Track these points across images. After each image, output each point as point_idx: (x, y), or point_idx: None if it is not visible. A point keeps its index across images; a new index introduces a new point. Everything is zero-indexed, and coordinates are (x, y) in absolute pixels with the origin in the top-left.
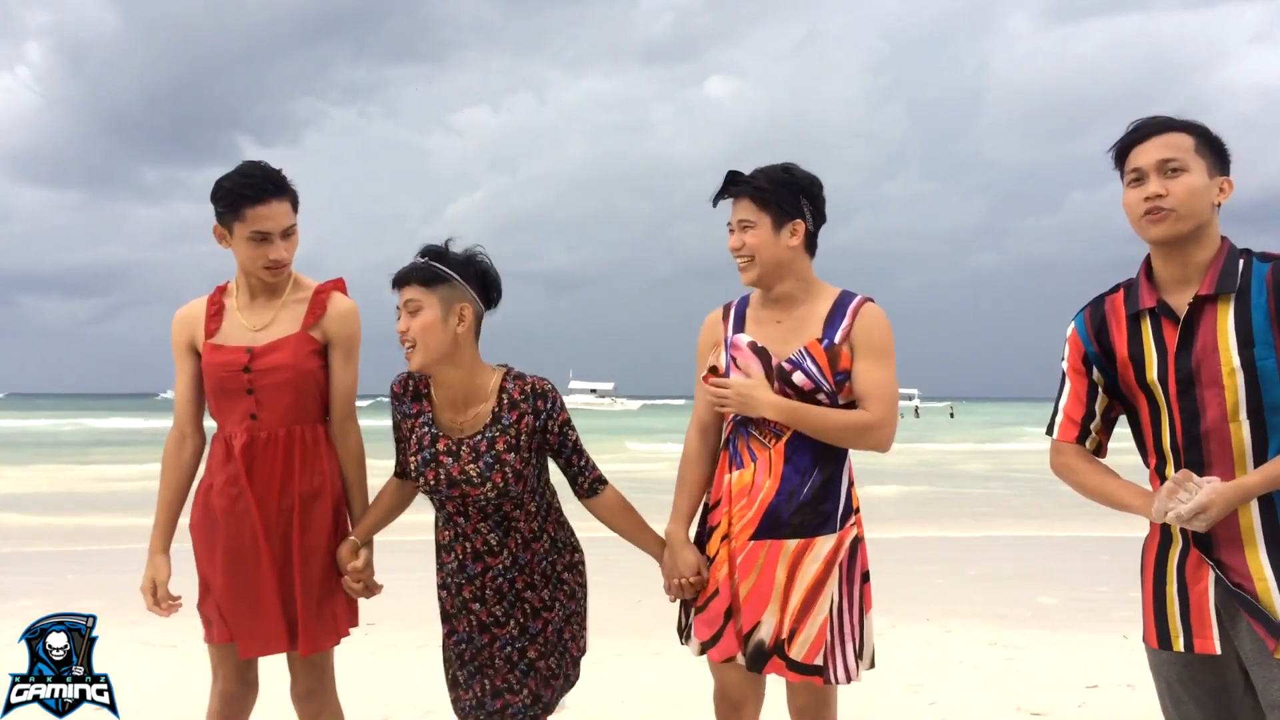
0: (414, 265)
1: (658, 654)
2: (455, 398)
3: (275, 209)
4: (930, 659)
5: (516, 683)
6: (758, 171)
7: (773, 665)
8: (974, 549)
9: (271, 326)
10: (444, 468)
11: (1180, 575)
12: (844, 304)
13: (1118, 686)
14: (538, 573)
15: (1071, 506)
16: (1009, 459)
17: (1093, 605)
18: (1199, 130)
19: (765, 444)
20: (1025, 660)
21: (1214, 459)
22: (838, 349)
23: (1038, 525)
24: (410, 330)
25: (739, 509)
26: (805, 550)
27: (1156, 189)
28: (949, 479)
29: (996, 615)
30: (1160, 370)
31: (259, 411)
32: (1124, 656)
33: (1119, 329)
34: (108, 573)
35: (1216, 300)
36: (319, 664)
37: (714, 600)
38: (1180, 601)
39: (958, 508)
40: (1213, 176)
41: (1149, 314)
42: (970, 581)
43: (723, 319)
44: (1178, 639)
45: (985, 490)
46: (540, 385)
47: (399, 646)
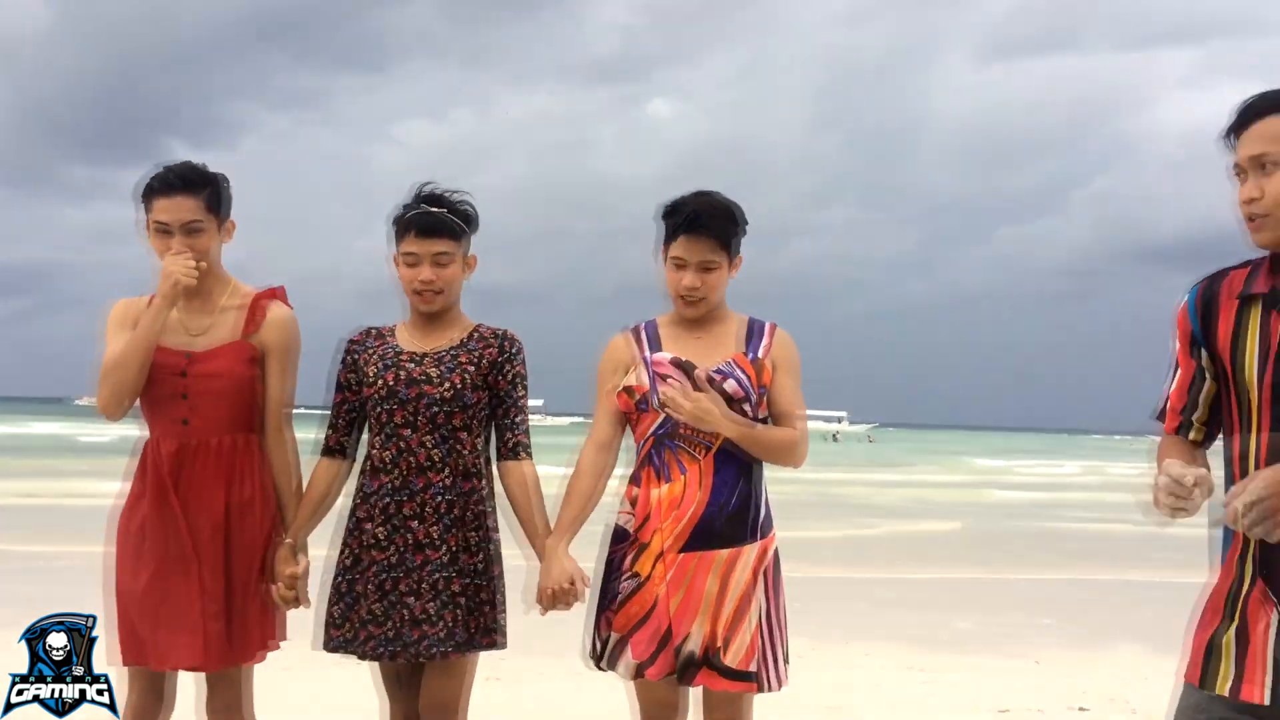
0: (443, 220)
1: (578, 673)
2: (432, 329)
3: (178, 203)
4: (849, 681)
5: (435, 614)
6: (717, 209)
7: (702, 676)
8: (893, 580)
9: (210, 332)
10: (405, 369)
11: (1243, 614)
12: (758, 327)
13: (1028, 711)
14: (472, 510)
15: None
16: (923, 491)
17: (1007, 630)
18: None
19: (695, 456)
20: (940, 683)
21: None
22: (761, 364)
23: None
24: (439, 280)
25: (668, 523)
26: (736, 559)
27: (1250, 191)
28: (862, 510)
29: (914, 639)
30: (1259, 368)
31: (192, 417)
32: (1035, 681)
33: (1227, 310)
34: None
35: None
36: (237, 679)
37: (649, 619)
38: (1238, 642)
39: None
40: None
41: (1262, 300)
42: (889, 606)
43: (634, 341)
44: (1225, 682)
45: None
46: (511, 333)
47: (316, 661)
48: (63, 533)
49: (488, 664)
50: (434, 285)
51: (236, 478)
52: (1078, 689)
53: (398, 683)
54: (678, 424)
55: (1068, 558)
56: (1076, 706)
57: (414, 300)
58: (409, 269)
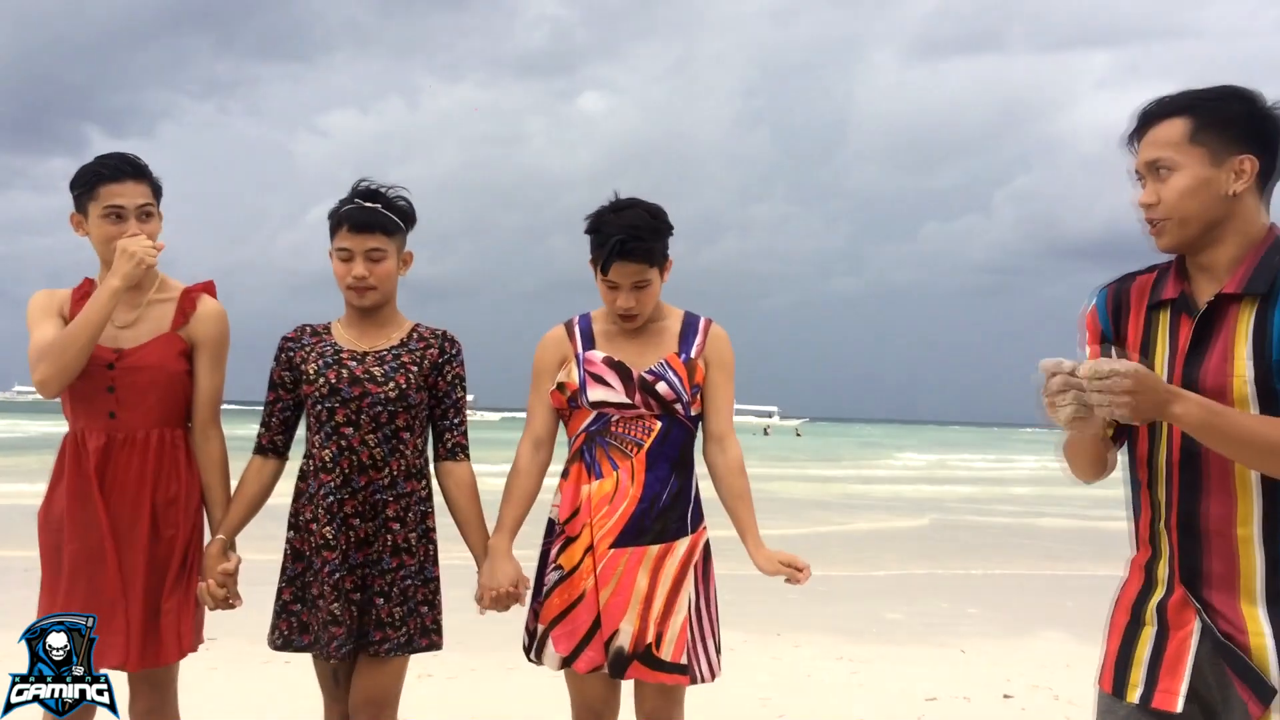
0: (376, 214)
1: (512, 668)
2: (370, 327)
3: (131, 188)
4: (779, 672)
5: (377, 612)
6: (642, 230)
7: (634, 669)
8: (824, 575)
9: (137, 326)
10: (347, 368)
11: (1160, 618)
12: (693, 324)
13: (955, 699)
14: (413, 511)
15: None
16: (847, 485)
17: (933, 620)
18: (1202, 107)
19: (626, 454)
20: (869, 674)
21: (1212, 482)
22: (694, 363)
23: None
24: (372, 276)
25: (600, 517)
26: (666, 554)
27: (1146, 197)
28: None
29: (843, 630)
30: (1168, 370)
31: (118, 411)
32: (961, 671)
33: (1137, 315)
34: None
35: (1242, 300)
36: (161, 681)
37: (575, 611)
38: (1154, 647)
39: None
40: (1220, 162)
41: (1170, 305)
42: (819, 598)
43: (569, 337)
44: (1135, 689)
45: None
46: (451, 334)
47: (242, 661)
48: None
49: (421, 661)
50: (367, 281)
51: (164, 474)
52: (1002, 677)
53: (334, 681)
54: (610, 421)
55: (995, 550)
56: (1001, 694)
57: (348, 296)
58: (342, 264)
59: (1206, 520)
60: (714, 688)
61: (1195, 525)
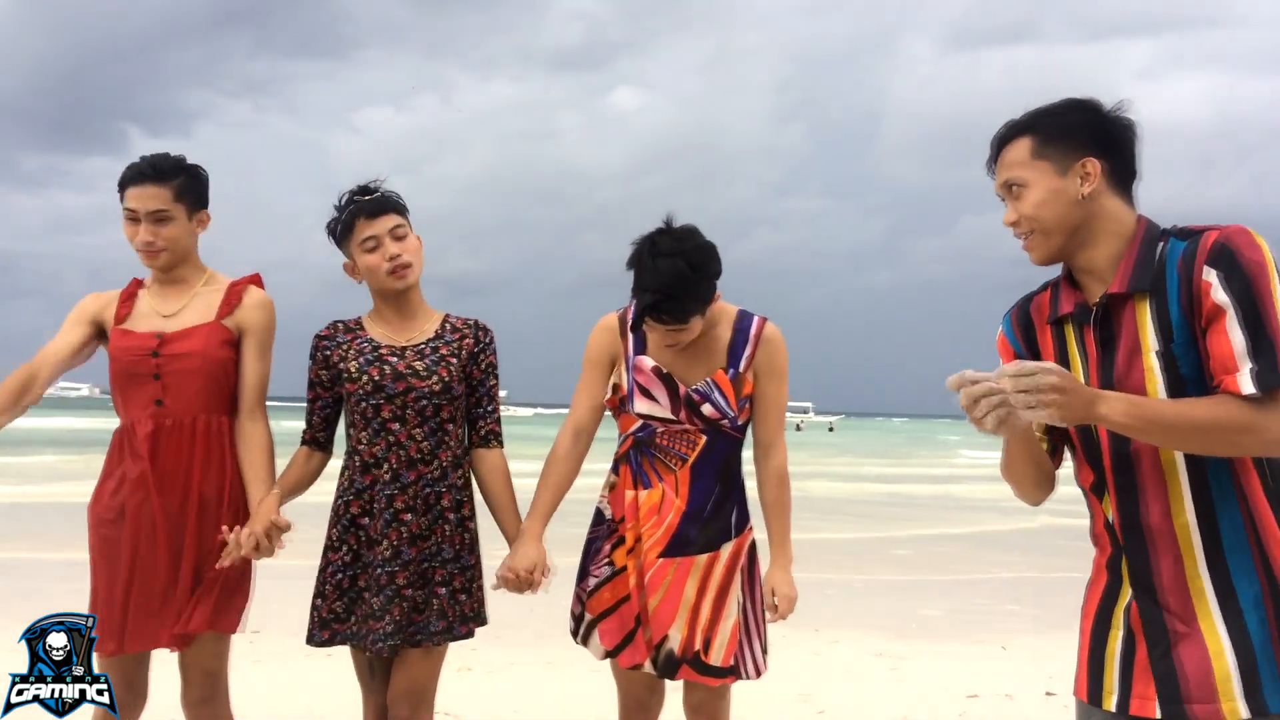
0: (387, 196)
1: (550, 663)
2: (403, 319)
3: (146, 192)
4: (818, 669)
5: (422, 603)
6: (677, 287)
7: (684, 672)
8: (865, 561)
9: (182, 314)
10: (389, 364)
11: (1127, 624)
12: (745, 328)
13: (996, 696)
14: (454, 499)
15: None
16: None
17: (973, 617)
18: (1040, 124)
19: (671, 467)
20: (909, 670)
21: (1148, 487)
22: (743, 377)
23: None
24: (405, 253)
25: (649, 526)
26: (713, 562)
27: (1007, 217)
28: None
29: (882, 626)
30: (1085, 379)
31: (165, 397)
32: (1003, 666)
33: (1044, 334)
34: None
35: (1133, 297)
36: (212, 671)
37: (623, 607)
38: (1124, 652)
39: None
40: (1065, 170)
41: (1071, 320)
42: (858, 594)
43: (620, 333)
44: (1110, 696)
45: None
46: (483, 323)
47: (286, 654)
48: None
49: (459, 655)
50: (403, 259)
51: (211, 460)
52: (1044, 674)
53: (370, 673)
54: (655, 434)
55: (1035, 548)
56: (1044, 691)
57: (388, 283)
58: (372, 254)
59: (1148, 517)
60: (753, 684)
61: (1138, 524)
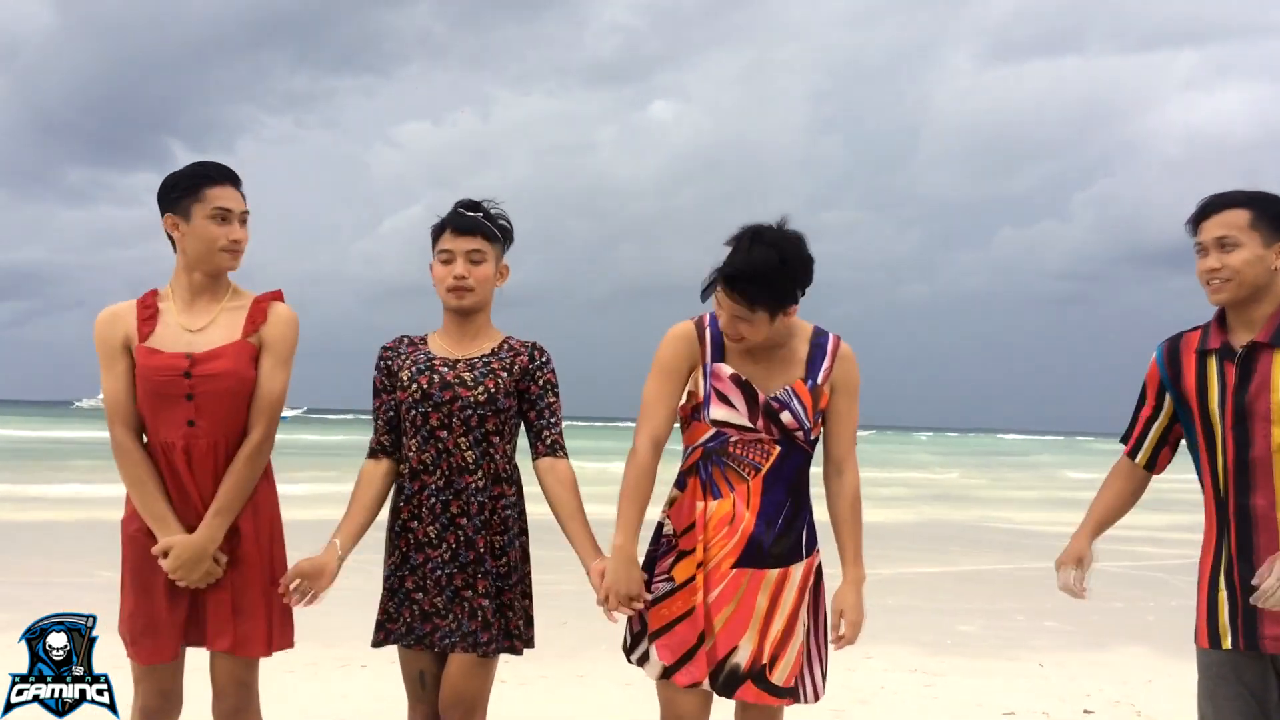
0: (479, 221)
1: (583, 676)
2: (464, 336)
3: (234, 193)
4: (853, 685)
5: (477, 611)
6: (756, 273)
7: (746, 689)
8: (896, 580)
9: (209, 331)
10: (439, 374)
11: (1229, 578)
12: (821, 344)
13: (1033, 714)
14: (499, 515)
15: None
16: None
17: (1009, 634)
18: (1259, 203)
19: (744, 476)
20: (944, 687)
21: (1259, 484)
22: (820, 390)
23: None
24: (471, 278)
25: (719, 538)
26: (785, 579)
27: (1213, 264)
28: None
29: (917, 642)
30: (1220, 402)
31: (198, 418)
32: (1039, 685)
33: (1189, 363)
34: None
35: (1273, 348)
36: (245, 682)
37: (684, 624)
38: (1230, 603)
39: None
40: (1270, 245)
41: (1215, 353)
42: (892, 610)
43: (699, 340)
44: (1226, 637)
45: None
46: (540, 344)
47: (320, 665)
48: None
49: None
50: (466, 282)
51: None
52: (1082, 692)
53: (421, 683)
54: (728, 442)
55: None
56: (1082, 709)
57: (447, 299)
58: (443, 266)
59: (1255, 509)
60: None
61: (1248, 514)
